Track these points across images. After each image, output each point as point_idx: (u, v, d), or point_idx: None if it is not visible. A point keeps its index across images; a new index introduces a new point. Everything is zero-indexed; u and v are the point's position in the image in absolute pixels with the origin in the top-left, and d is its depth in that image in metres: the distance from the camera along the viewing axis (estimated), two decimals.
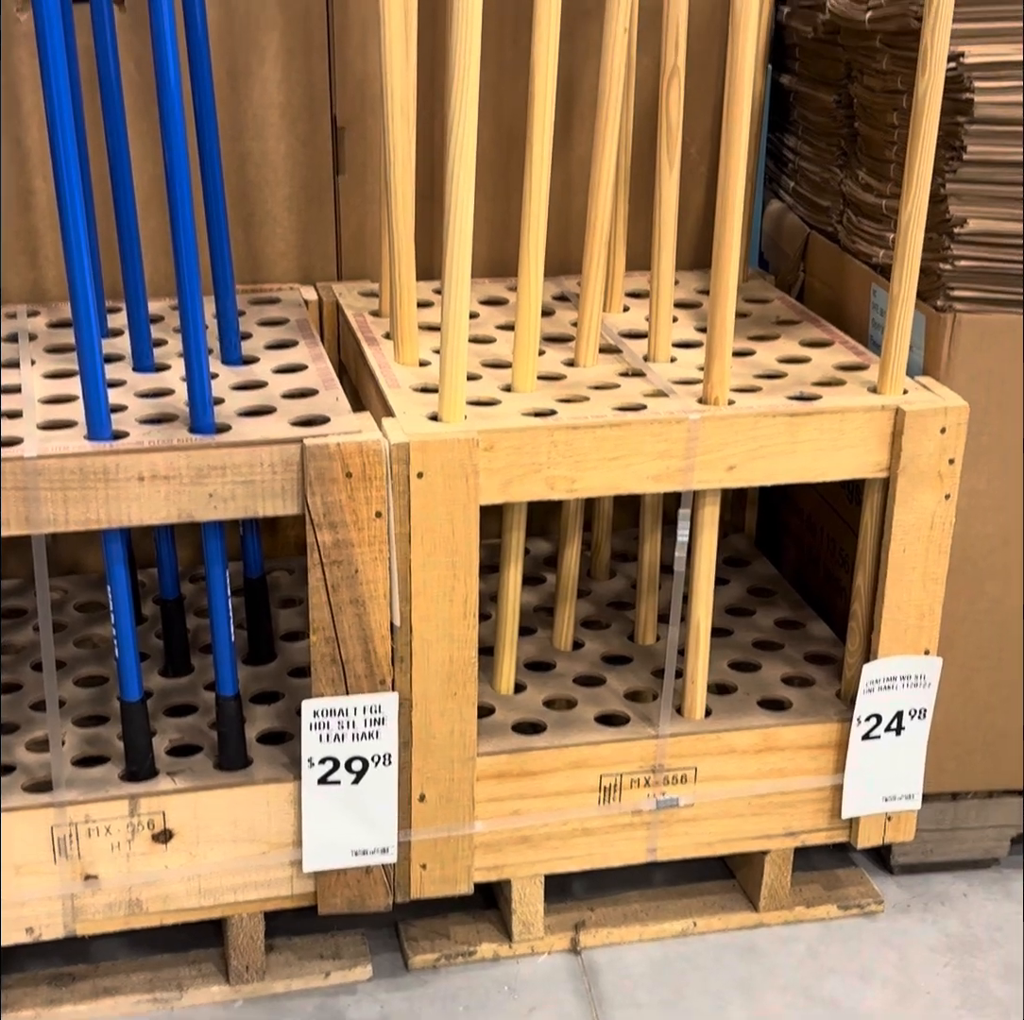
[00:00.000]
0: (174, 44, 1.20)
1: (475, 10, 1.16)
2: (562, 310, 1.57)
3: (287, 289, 1.60)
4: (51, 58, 1.14)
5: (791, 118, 1.66)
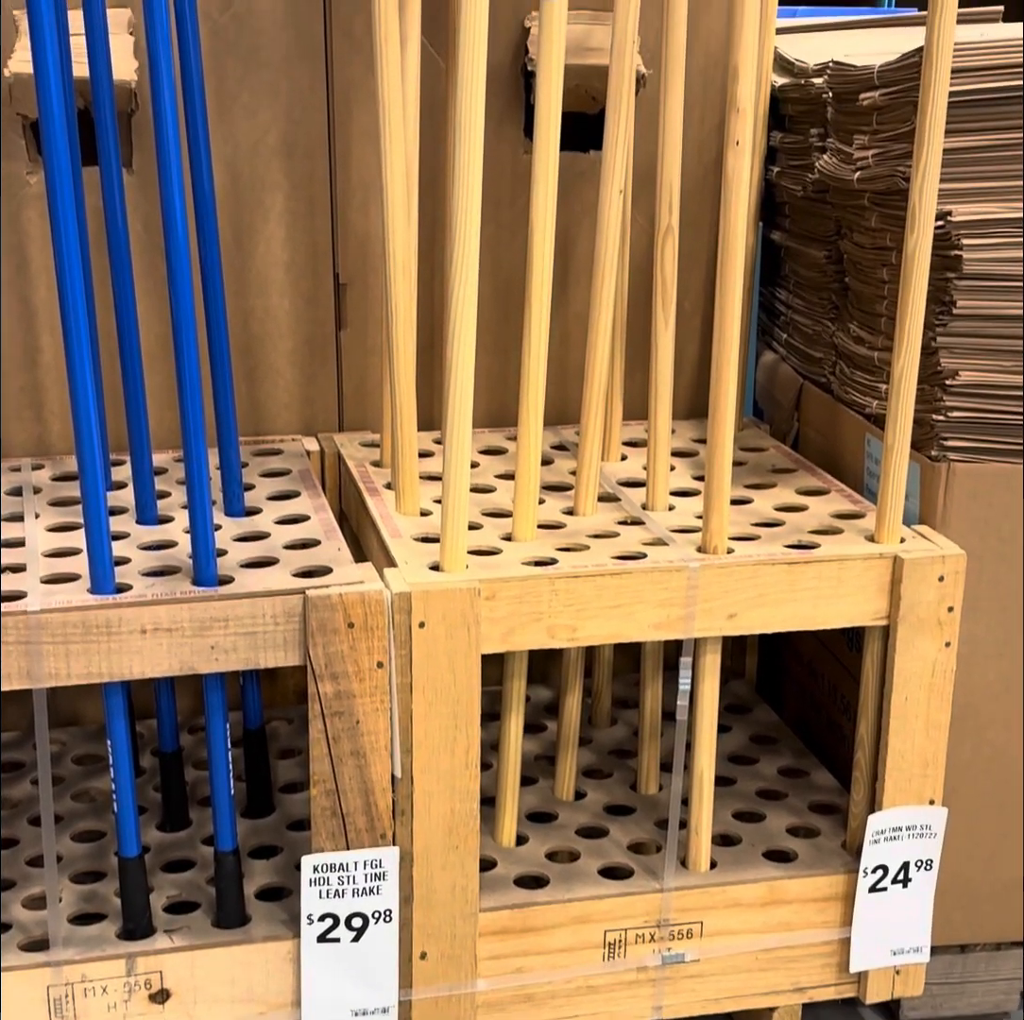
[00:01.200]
0: (182, 206, 1.23)
1: (475, 174, 1.20)
2: (561, 459, 1.58)
3: (289, 440, 1.62)
4: (62, 219, 1.17)
5: (783, 272, 1.70)
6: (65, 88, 1.22)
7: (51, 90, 1.19)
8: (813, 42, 1.67)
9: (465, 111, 1.20)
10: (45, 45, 1.18)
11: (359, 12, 1.51)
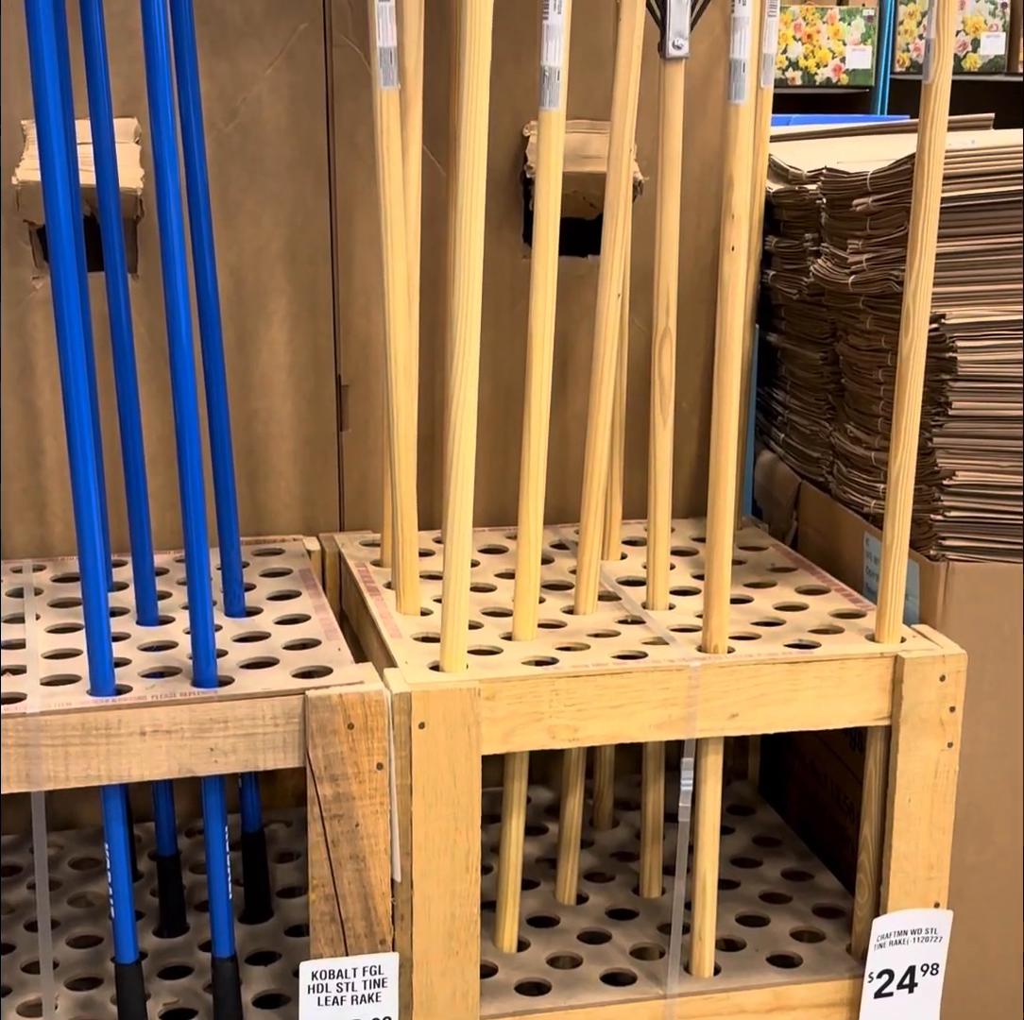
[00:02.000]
0: (187, 311, 1.25)
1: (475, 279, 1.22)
2: (561, 558, 1.59)
3: (290, 540, 1.63)
4: (67, 324, 1.19)
5: (779, 373, 1.72)
6: (72, 196, 1.25)
7: (58, 198, 1.21)
8: (806, 149, 1.70)
9: (465, 218, 1.22)
10: (53, 154, 1.20)
11: (361, 122, 1.55)
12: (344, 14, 1.53)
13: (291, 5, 1.51)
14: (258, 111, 1.53)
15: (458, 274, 1.22)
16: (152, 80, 1.24)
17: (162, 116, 1.24)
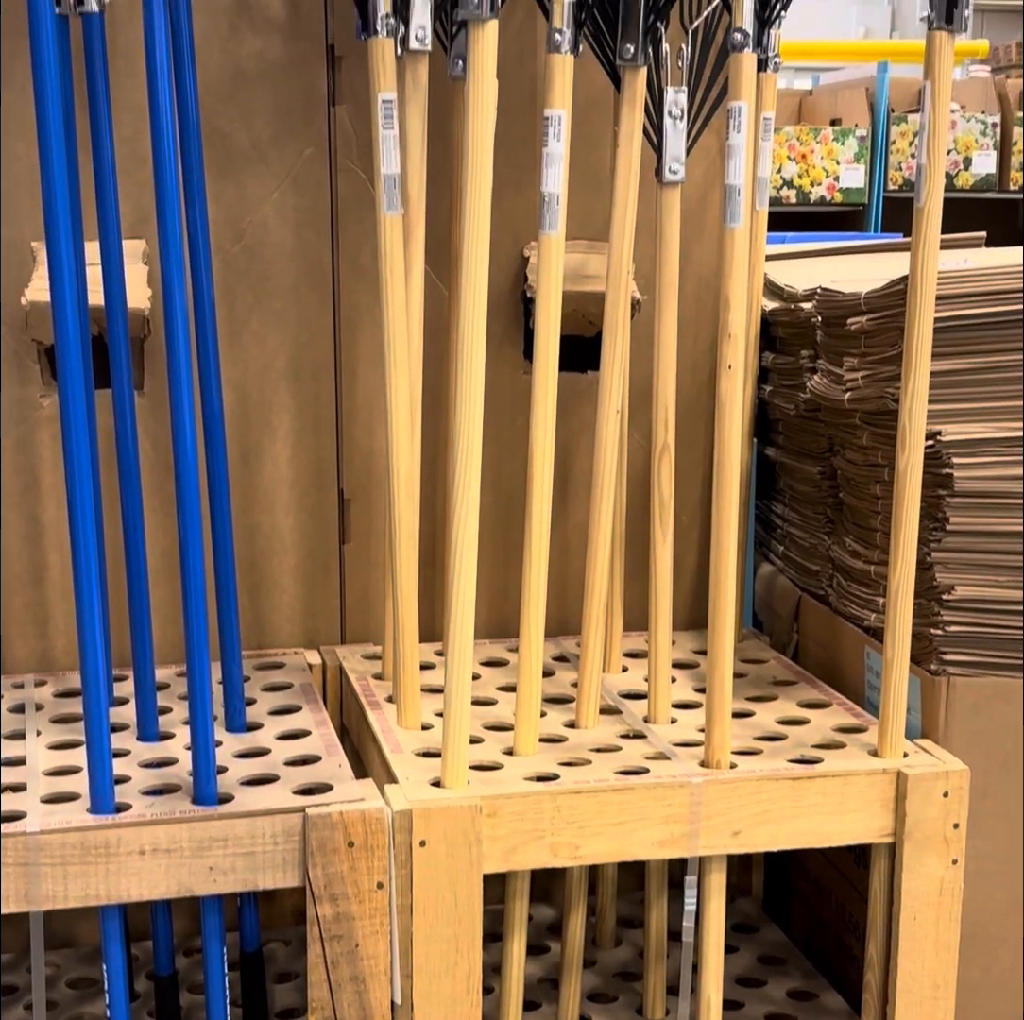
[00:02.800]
0: (192, 427, 1.27)
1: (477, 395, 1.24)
2: (562, 670, 1.59)
3: (292, 653, 1.63)
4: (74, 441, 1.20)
5: (778, 487, 1.73)
6: (80, 315, 1.27)
7: (67, 318, 1.24)
8: (801, 268, 1.74)
9: (467, 336, 1.24)
10: (63, 275, 1.23)
11: (365, 243, 1.58)
12: (349, 140, 1.56)
13: (297, 131, 1.55)
14: (264, 233, 1.57)
15: (460, 390, 1.24)
16: (161, 204, 1.27)
17: (171, 239, 1.27)
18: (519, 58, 1.56)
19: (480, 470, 1.25)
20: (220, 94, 1.51)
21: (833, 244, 1.96)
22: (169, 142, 1.26)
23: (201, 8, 1.45)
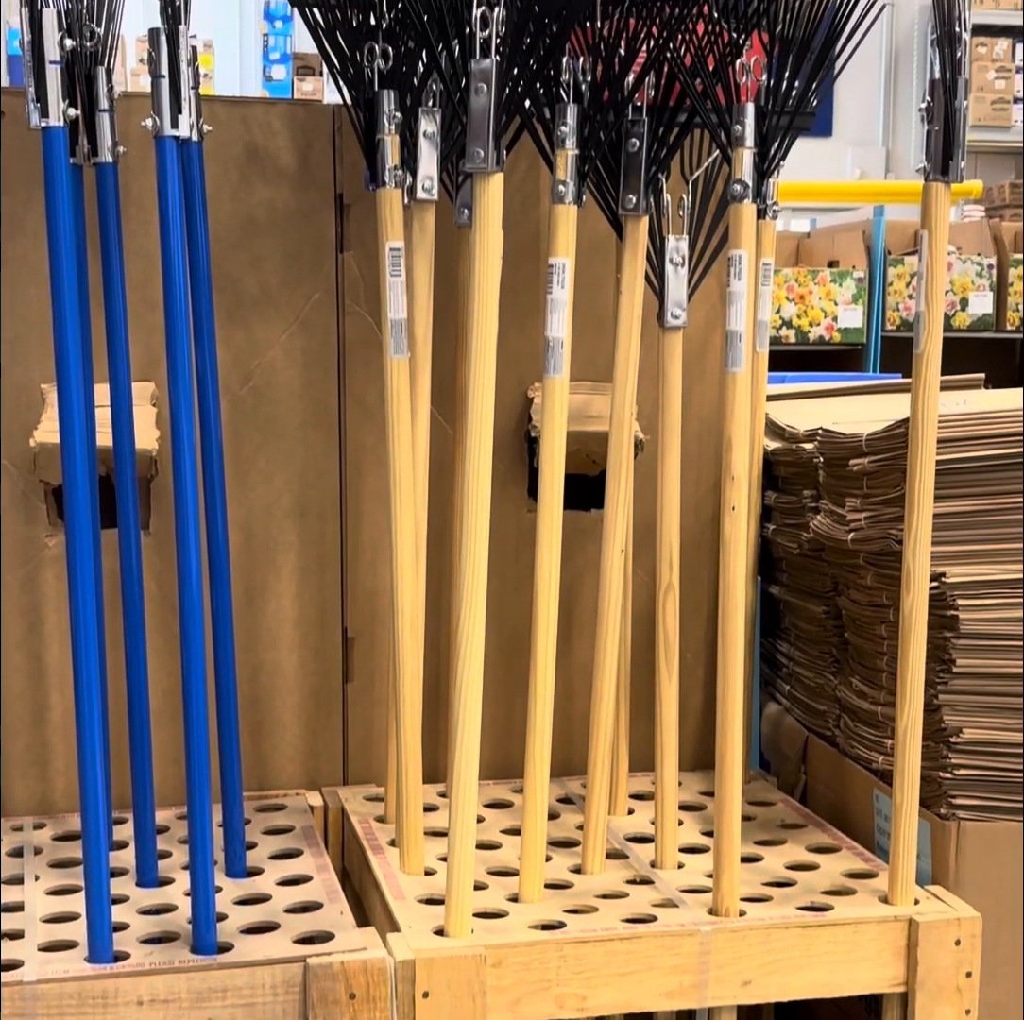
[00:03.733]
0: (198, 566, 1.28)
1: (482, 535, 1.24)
2: (567, 813, 1.57)
3: (293, 795, 1.61)
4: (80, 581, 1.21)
5: (783, 625, 1.73)
6: (89, 457, 1.28)
7: (76, 459, 1.25)
8: (802, 408, 1.76)
9: (472, 475, 1.25)
10: (72, 417, 1.24)
11: (372, 384, 1.60)
12: (356, 284, 1.59)
13: (306, 276, 1.58)
14: (272, 375, 1.59)
15: (465, 528, 1.25)
16: (171, 348, 1.29)
17: (180, 381, 1.29)
18: (523, 206, 1.59)
19: (485, 608, 1.25)
20: (231, 241, 1.54)
21: (833, 384, 1.98)
22: (180, 288, 1.28)
23: (213, 158, 1.48)
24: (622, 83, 1.33)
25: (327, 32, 1.35)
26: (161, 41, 1.23)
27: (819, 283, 3.64)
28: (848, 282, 3.67)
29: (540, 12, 1.23)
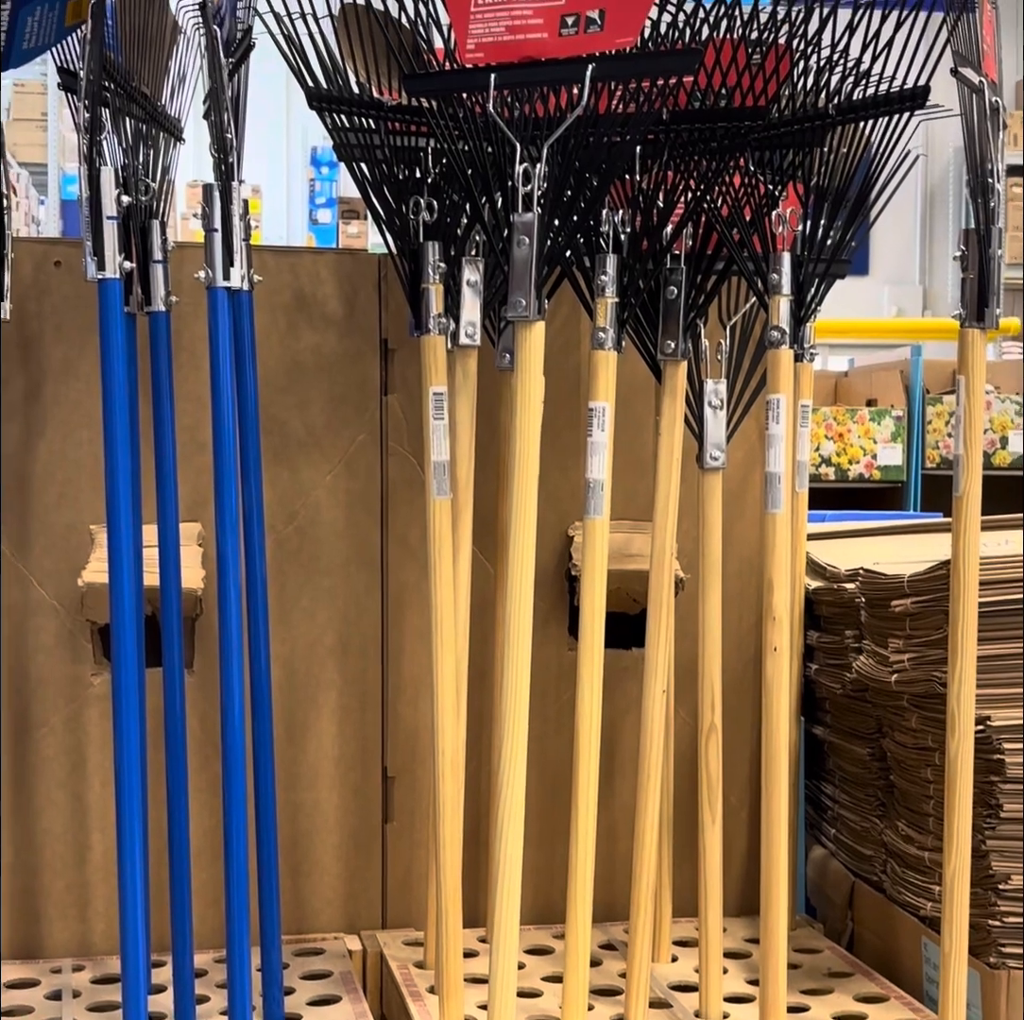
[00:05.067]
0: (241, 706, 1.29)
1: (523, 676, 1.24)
2: (610, 959, 1.54)
3: (331, 939, 1.59)
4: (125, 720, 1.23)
5: (827, 767, 1.71)
6: (137, 597, 1.30)
7: (124, 600, 1.27)
8: (843, 547, 1.76)
9: (514, 613, 1.26)
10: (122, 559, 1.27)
11: (414, 523, 1.61)
12: (400, 426, 1.62)
13: (351, 418, 1.61)
14: (316, 514, 1.61)
15: (506, 667, 1.25)
16: (219, 489, 1.31)
17: (227, 522, 1.31)
18: (564, 349, 1.62)
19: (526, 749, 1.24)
20: (278, 385, 1.58)
21: (873, 523, 1.99)
22: (229, 432, 1.31)
23: (262, 305, 1.52)
24: (660, 233, 1.37)
25: (374, 186, 1.39)
26: (214, 197, 1.27)
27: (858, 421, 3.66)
28: (887, 420, 3.69)
29: (580, 168, 1.26)
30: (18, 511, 1.53)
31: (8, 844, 1.52)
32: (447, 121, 1.30)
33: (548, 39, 1.22)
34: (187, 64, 1.45)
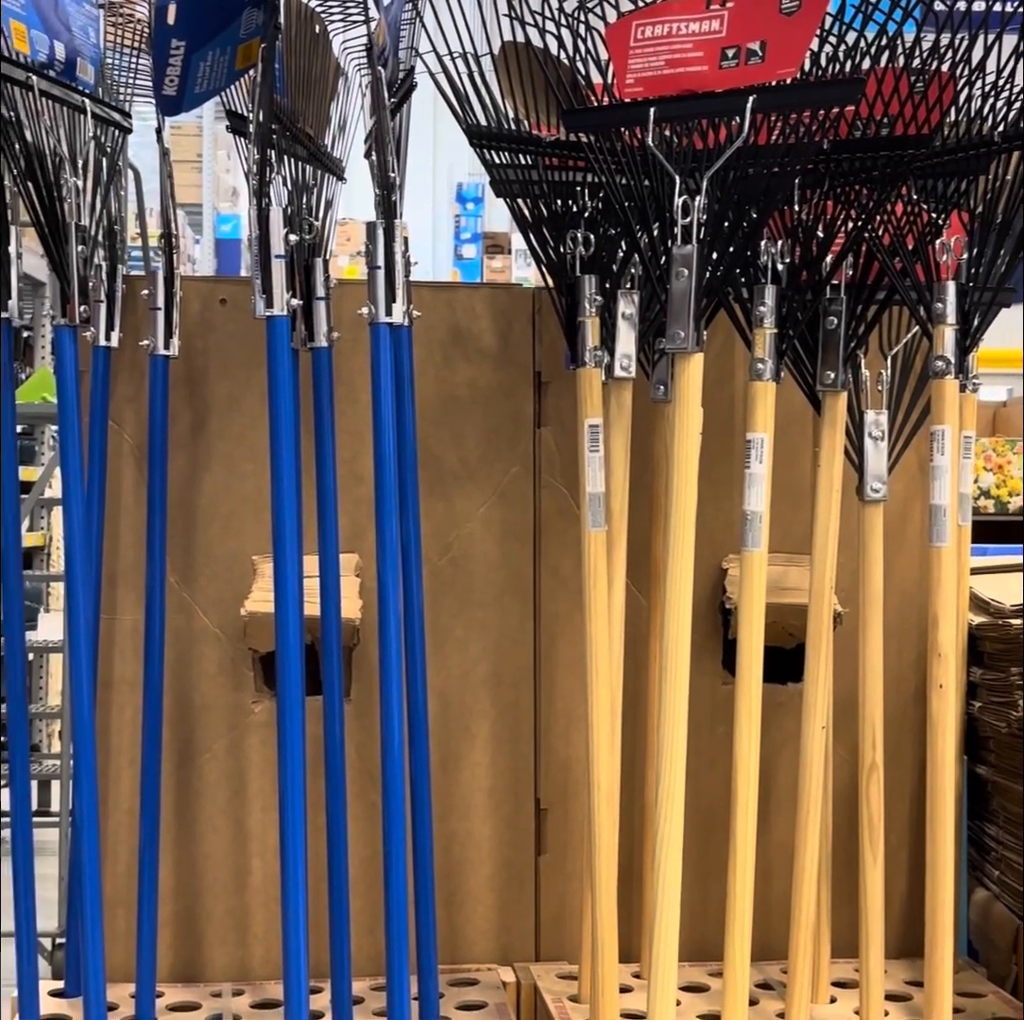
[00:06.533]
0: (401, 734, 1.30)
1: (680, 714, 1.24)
2: (766, 999, 1.52)
3: (485, 970, 1.59)
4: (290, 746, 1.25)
5: (990, 807, 1.66)
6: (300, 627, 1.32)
7: (289, 630, 1.29)
8: (1007, 581, 1.71)
9: (671, 648, 1.26)
10: (287, 590, 1.29)
11: (566, 554, 1.62)
12: (553, 458, 1.63)
13: (505, 451, 1.62)
14: (470, 545, 1.62)
15: (663, 702, 1.25)
16: (380, 521, 1.33)
17: (388, 553, 1.33)
18: (718, 380, 1.61)
19: (684, 784, 1.23)
20: (433, 418, 1.60)
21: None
22: (390, 465, 1.34)
23: (419, 340, 1.54)
24: (820, 264, 1.35)
25: (531, 221, 1.41)
26: (378, 234, 1.30)
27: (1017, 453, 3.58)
28: None
29: (740, 200, 1.26)
30: (184, 542, 1.57)
31: (171, 868, 1.55)
32: (605, 155, 1.31)
33: (708, 72, 1.23)
34: (348, 105, 1.49)
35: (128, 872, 1.52)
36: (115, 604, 1.56)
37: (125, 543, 1.56)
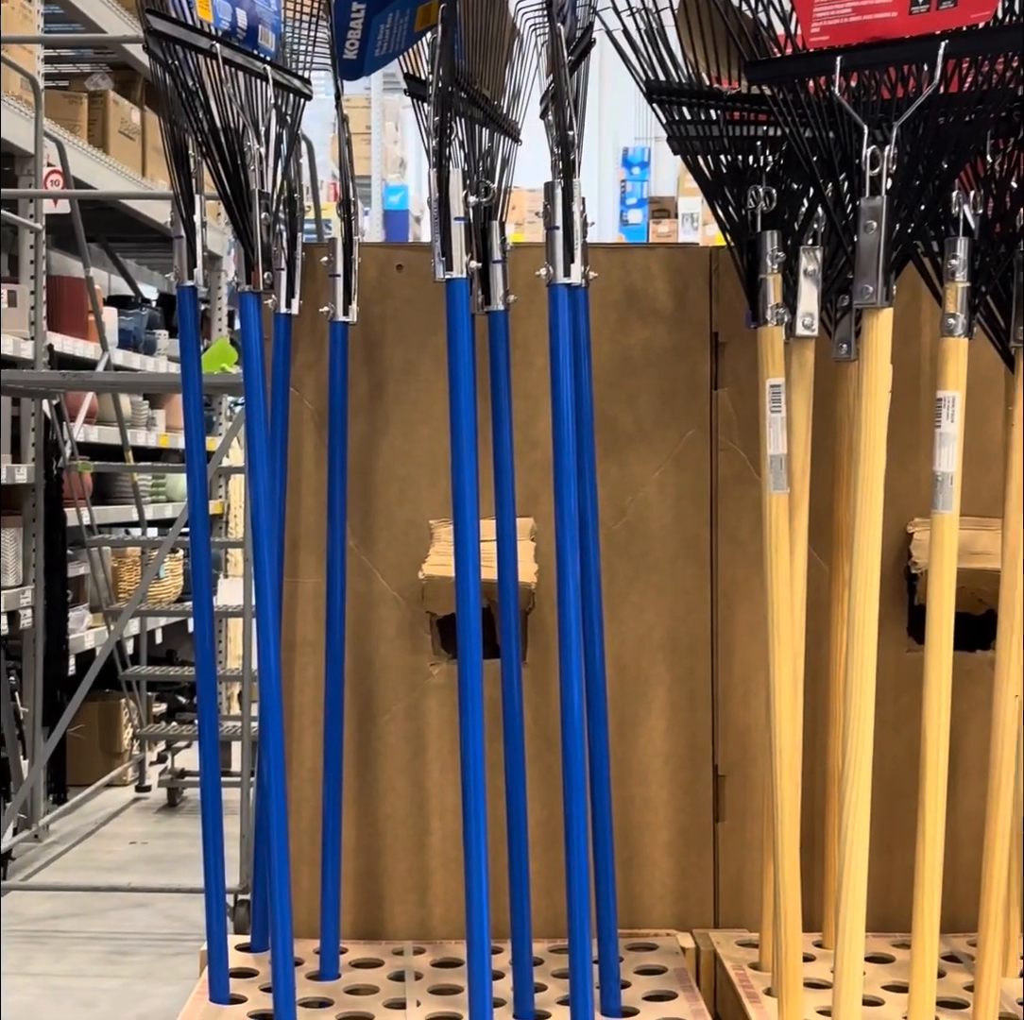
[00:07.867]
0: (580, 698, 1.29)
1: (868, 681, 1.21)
2: (954, 971, 1.48)
3: (663, 935, 1.59)
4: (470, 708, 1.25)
5: None
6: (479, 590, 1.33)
7: (470, 594, 1.30)
8: None
9: (858, 615, 1.23)
10: (467, 554, 1.30)
11: (744, 518, 1.59)
12: (730, 421, 1.60)
13: (680, 413, 1.60)
14: (645, 510, 1.61)
15: (850, 669, 1.22)
16: (559, 484, 1.32)
17: (567, 518, 1.32)
18: (903, 338, 1.56)
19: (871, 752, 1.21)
20: (608, 381, 1.58)
21: None
22: (569, 427, 1.32)
23: (594, 301, 1.53)
24: (1014, 216, 1.30)
25: (712, 177, 1.38)
26: (556, 194, 1.28)
27: None
28: None
29: (931, 150, 1.22)
30: (362, 506, 1.58)
31: (352, 827, 1.58)
32: (790, 107, 1.27)
33: (897, 17, 1.18)
34: (524, 66, 1.47)
35: (311, 830, 1.55)
36: (297, 567, 1.58)
37: (306, 508, 1.58)
